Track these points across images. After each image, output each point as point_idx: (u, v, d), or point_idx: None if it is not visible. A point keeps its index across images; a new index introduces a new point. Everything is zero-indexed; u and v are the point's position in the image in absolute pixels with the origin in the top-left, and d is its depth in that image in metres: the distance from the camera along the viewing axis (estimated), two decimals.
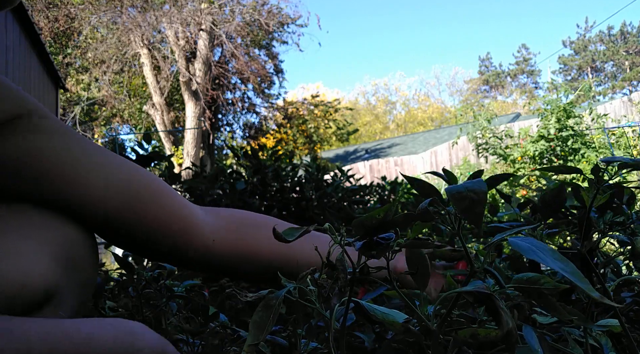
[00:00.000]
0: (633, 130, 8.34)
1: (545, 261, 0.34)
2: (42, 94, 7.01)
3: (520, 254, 0.68)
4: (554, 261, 0.34)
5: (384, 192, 2.82)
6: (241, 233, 0.62)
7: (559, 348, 0.44)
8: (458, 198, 0.37)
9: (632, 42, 36.48)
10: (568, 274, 0.34)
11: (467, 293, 0.37)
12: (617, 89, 36.41)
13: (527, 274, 0.40)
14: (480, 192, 0.37)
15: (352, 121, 27.77)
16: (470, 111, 9.85)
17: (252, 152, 2.24)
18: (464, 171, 9.56)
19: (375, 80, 42.66)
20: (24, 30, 5.92)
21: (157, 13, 11.80)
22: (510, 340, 0.34)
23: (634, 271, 0.81)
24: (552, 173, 1.49)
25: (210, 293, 1.98)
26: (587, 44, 39.21)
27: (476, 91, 42.55)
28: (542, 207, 0.59)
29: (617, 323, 0.47)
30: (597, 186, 0.53)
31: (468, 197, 0.37)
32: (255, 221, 0.65)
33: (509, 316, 0.35)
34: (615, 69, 38.04)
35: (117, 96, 13.23)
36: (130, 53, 12.31)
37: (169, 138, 12.82)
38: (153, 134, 13.06)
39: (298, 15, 14.03)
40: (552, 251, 0.36)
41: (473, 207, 0.37)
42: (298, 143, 17.27)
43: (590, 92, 9.49)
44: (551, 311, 0.40)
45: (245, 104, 15.30)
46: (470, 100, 38.19)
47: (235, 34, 12.66)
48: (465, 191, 0.38)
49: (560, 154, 8.13)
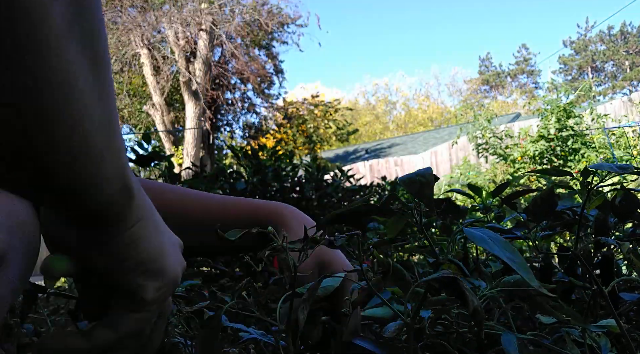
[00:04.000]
0: (633, 130, 8.35)
1: (493, 250, 0.37)
2: None
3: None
4: (503, 251, 0.37)
5: (384, 192, 2.83)
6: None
7: (557, 349, 0.44)
8: (409, 183, 0.42)
9: (633, 42, 36.49)
10: (514, 264, 0.37)
11: (433, 280, 0.39)
12: (617, 89, 36.43)
13: (514, 277, 0.41)
14: (428, 175, 0.42)
15: (352, 121, 27.79)
16: (470, 111, 9.87)
17: (252, 152, 2.24)
18: (464, 171, 9.56)
19: (376, 81, 42.72)
20: None
21: (157, 13, 11.80)
22: (477, 317, 0.37)
23: (634, 271, 0.81)
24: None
25: (211, 293, 1.98)
26: (588, 44, 39.22)
27: (476, 91, 42.57)
28: (533, 210, 0.59)
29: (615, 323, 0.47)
30: (588, 189, 0.54)
31: (417, 181, 0.41)
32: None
33: (474, 295, 0.37)
34: (615, 69, 38.05)
35: (116, 95, 13.23)
36: (130, 53, 12.31)
37: (169, 138, 12.83)
38: (153, 134, 13.07)
39: (298, 15, 14.05)
40: (504, 242, 0.39)
41: (422, 189, 0.41)
42: (298, 143, 17.28)
43: (591, 92, 9.50)
44: (542, 312, 0.40)
45: (245, 104, 15.31)
46: (470, 100, 38.20)
47: (235, 34, 12.67)
48: (415, 176, 0.42)
49: (560, 154, 8.13)
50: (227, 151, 16.74)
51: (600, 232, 0.61)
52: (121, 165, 0.33)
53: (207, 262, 1.85)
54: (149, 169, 1.95)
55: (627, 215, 0.59)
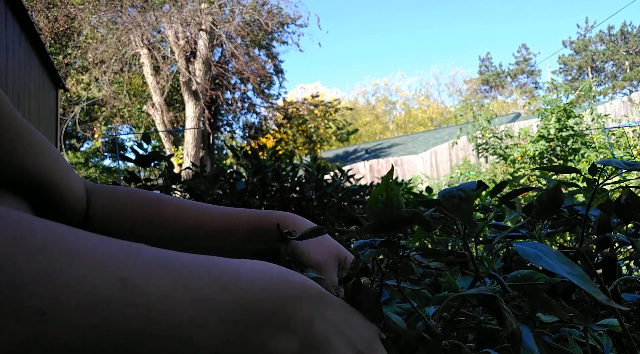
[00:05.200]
0: (633, 130, 8.34)
1: (552, 267, 0.35)
2: (42, 94, 7.01)
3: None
4: (561, 265, 0.35)
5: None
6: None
7: (559, 347, 0.44)
8: (447, 197, 0.39)
9: (633, 42, 36.47)
10: (575, 278, 0.34)
11: (471, 295, 0.38)
12: (617, 89, 36.41)
13: (521, 271, 0.41)
14: (467, 190, 0.39)
15: (352, 121, 27.77)
16: (470, 111, 9.85)
17: (252, 152, 2.23)
18: (464, 171, 9.55)
19: (375, 81, 42.68)
20: (24, 30, 5.92)
21: (157, 13, 11.80)
22: (515, 340, 0.35)
23: (634, 271, 0.81)
24: (552, 173, 1.49)
25: None
26: (588, 44, 39.20)
27: (476, 91, 42.55)
28: (539, 209, 0.59)
29: (617, 322, 0.47)
30: (594, 187, 0.53)
31: (456, 195, 0.39)
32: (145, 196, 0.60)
33: (512, 316, 0.36)
34: (615, 69, 38.03)
35: (117, 95, 13.23)
36: (130, 53, 12.31)
37: (169, 138, 12.82)
38: (153, 134, 13.07)
39: (298, 15, 14.05)
40: (558, 254, 0.36)
41: (461, 204, 0.39)
42: (298, 143, 17.27)
43: (591, 92, 9.49)
44: (546, 309, 0.40)
45: (245, 104, 15.31)
46: (470, 100, 38.19)
47: (235, 34, 12.66)
48: (455, 191, 0.40)
49: (560, 154, 8.12)
50: (227, 151, 16.74)
51: (604, 232, 0.61)
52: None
53: None
54: (149, 169, 1.95)
55: (631, 215, 0.59)
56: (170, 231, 0.57)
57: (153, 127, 14.24)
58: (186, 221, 0.59)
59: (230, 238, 0.59)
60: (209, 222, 0.59)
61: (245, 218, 0.61)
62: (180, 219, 0.59)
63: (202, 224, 0.59)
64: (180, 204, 0.60)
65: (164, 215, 0.58)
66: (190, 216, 0.59)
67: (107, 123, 15.36)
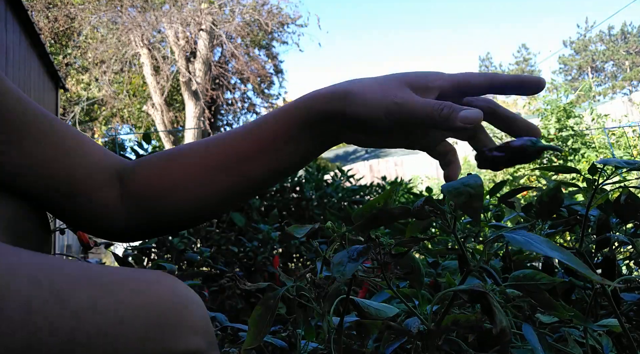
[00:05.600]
0: (633, 130, 8.34)
1: (543, 250, 0.34)
2: (42, 94, 7.01)
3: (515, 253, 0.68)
4: (552, 251, 0.35)
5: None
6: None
7: (559, 347, 0.44)
8: (455, 194, 0.37)
9: (633, 42, 36.47)
10: (567, 261, 0.34)
11: (461, 291, 0.38)
12: (617, 89, 36.41)
13: (523, 271, 0.40)
14: (476, 186, 0.37)
15: None
16: None
17: None
18: (464, 171, 9.56)
19: None
20: (24, 30, 5.91)
21: (157, 13, 11.80)
22: (504, 338, 0.34)
23: (634, 271, 0.81)
24: (552, 173, 1.49)
25: (211, 293, 1.98)
26: (588, 44, 39.20)
27: None
28: (539, 208, 0.59)
29: (617, 323, 0.47)
30: (594, 187, 0.53)
31: (465, 192, 0.37)
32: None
33: (503, 314, 0.35)
34: (615, 69, 38.03)
35: (117, 95, 13.23)
36: (130, 53, 12.31)
37: (169, 138, 12.82)
38: (153, 134, 13.06)
39: (298, 15, 14.03)
40: (547, 241, 0.36)
41: (471, 201, 0.36)
42: None
43: (591, 92, 9.49)
44: (548, 309, 0.40)
45: (245, 104, 15.30)
46: None
47: (235, 34, 12.66)
48: (461, 186, 0.37)
49: (560, 154, 8.12)
50: None
51: (603, 232, 0.61)
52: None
53: (207, 263, 1.85)
54: None
55: (630, 215, 0.59)
56: (222, 163, 0.48)
57: (153, 127, 14.24)
58: (233, 146, 0.49)
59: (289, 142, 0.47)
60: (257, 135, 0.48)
61: (292, 117, 0.48)
62: (229, 147, 0.49)
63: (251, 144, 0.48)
64: (208, 140, 0.51)
65: (208, 154, 0.49)
66: (232, 143, 0.49)
67: (107, 123, 15.36)
